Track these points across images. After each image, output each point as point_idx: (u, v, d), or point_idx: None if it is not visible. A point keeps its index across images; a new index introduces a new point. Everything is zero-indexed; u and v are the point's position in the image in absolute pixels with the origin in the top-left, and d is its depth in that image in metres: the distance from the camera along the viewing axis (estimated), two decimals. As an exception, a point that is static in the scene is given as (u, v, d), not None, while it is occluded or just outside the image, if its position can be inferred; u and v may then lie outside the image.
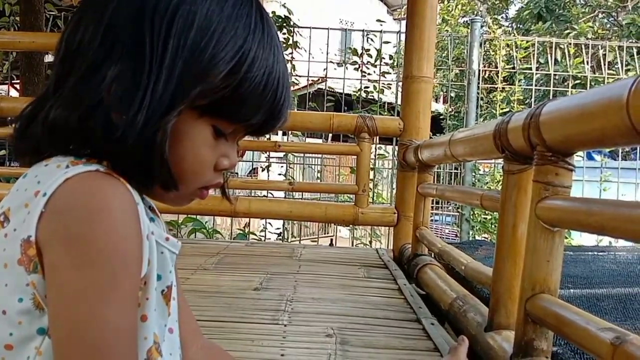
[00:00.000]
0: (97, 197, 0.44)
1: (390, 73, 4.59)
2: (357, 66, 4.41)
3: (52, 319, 0.44)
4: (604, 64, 4.68)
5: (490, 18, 10.69)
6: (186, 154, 0.51)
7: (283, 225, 4.50)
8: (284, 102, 0.54)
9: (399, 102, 3.16)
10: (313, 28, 4.21)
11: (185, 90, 0.48)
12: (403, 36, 2.90)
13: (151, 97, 0.47)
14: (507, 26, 11.37)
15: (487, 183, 4.77)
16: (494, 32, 6.10)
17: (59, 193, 0.44)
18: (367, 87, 4.46)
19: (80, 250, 0.43)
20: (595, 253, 2.55)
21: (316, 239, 4.93)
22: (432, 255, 2.15)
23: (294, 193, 3.89)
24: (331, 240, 5.27)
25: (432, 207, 2.67)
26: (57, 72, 0.50)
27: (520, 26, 10.49)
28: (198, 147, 0.51)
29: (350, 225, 4.04)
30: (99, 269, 0.43)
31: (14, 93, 6.27)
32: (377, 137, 3.13)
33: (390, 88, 4.50)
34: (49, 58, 4.70)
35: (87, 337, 0.43)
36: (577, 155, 1.01)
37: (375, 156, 4.29)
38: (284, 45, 4.29)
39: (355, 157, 2.86)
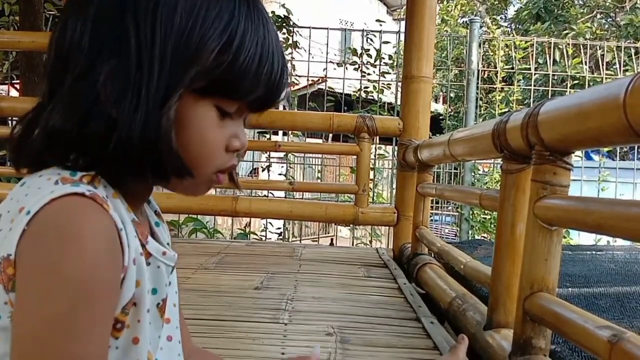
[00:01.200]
0: (73, 224, 0.43)
1: (389, 73, 4.59)
2: (356, 66, 4.41)
3: (14, 345, 0.43)
4: (602, 64, 4.69)
5: (489, 18, 10.70)
6: (194, 138, 0.50)
7: (284, 225, 4.50)
8: (281, 73, 0.53)
9: (399, 102, 3.17)
10: (313, 28, 4.22)
11: (180, 76, 0.48)
12: (402, 36, 2.91)
13: (147, 89, 0.46)
14: (506, 26, 11.38)
15: (486, 183, 4.78)
16: (493, 32, 6.10)
17: (42, 214, 0.43)
18: (367, 87, 4.46)
19: (46, 276, 0.42)
20: (593, 252, 2.56)
21: (317, 239, 4.93)
22: (432, 255, 2.16)
23: (294, 193, 3.90)
24: (331, 239, 5.28)
25: (431, 206, 2.68)
26: (50, 77, 0.50)
27: (519, 26, 10.50)
28: (205, 129, 0.51)
29: (351, 225, 4.05)
30: (63, 297, 0.42)
31: (14, 93, 6.27)
32: (377, 137, 3.14)
33: (389, 88, 4.51)
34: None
35: None
36: (575, 155, 1.02)
37: (375, 156, 4.30)
38: (284, 45, 4.29)
39: (355, 157, 2.87)
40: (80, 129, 0.46)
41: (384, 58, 4.37)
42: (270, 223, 4.30)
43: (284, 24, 4.29)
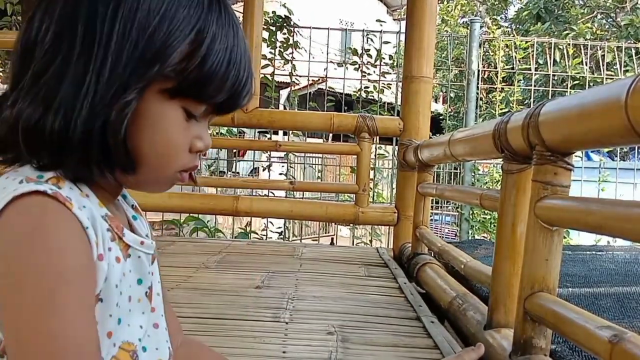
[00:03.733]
0: (32, 219, 0.44)
1: (390, 73, 4.60)
2: (357, 66, 4.41)
3: (5, 339, 0.45)
4: (603, 65, 4.69)
5: (490, 19, 10.70)
6: (159, 137, 0.51)
7: (284, 224, 4.51)
8: (247, 79, 0.54)
9: (399, 102, 3.18)
10: (313, 28, 4.22)
11: (139, 72, 0.48)
12: (403, 36, 2.91)
13: (96, 82, 0.47)
14: (507, 27, 11.38)
15: (486, 183, 4.78)
16: (493, 32, 6.10)
17: (5, 211, 0.44)
18: (367, 87, 4.46)
19: (14, 271, 0.43)
20: (594, 252, 2.56)
21: (317, 238, 4.93)
22: (432, 254, 2.16)
23: (294, 192, 3.91)
24: (332, 239, 5.28)
25: (431, 206, 2.68)
26: (14, 70, 0.50)
27: (520, 27, 10.50)
28: (170, 130, 0.52)
29: (351, 225, 4.05)
30: (35, 286, 0.43)
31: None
32: (377, 137, 3.15)
33: (390, 88, 4.51)
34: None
35: (33, 353, 0.43)
36: (576, 156, 1.02)
37: (375, 156, 4.30)
38: (284, 45, 4.30)
39: (356, 156, 2.87)
40: (40, 124, 0.47)
41: (384, 58, 4.37)
42: (270, 222, 4.30)
43: (285, 24, 4.29)
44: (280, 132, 4.95)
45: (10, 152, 0.50)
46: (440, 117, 5.70)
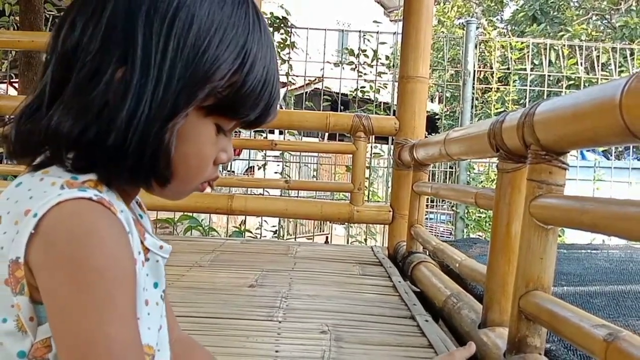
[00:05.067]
0: (87, 222, 0.45)
1: (386, 73, 4.61)
2: (353, 66, 4.43)
3: (58, 342, 0.44)
4: (598, 65, 4.71)
5: (486, 20, 10.73)
6: (191, 152, 0.52)
7: (279, 223, 4.50)
8: (276, 96, 0.56)
9: (395, 101, 3.18)
10: (310, 29, 4.23)
11: (190, 93, 0.48)
12: (399, 37, 2.92)
13: (152, 100, 0.47)
14: (502, 28, 11.40)
15: (481, 182, 4.80)
16: (489, 33, 6.13)
17: (51, 216, 0.44)
18: (364, 87, 4.48)
19: (74, 273, 0.43)
20: (589, 251, 2.57)
21: (312, 237, 4.94)
22: (427, 253, 2.16)
23: (290, 191, 3.91)
24: (326, 237, 5.27)
25: (426, 205, 2.68)
26: (54, 75, 0.49)
27: (515, 28, 10.52)
28: (203, 145, 0.53)
29: (346, 223, 4.05)
30: (94, 289, 0.43)
31: (12, 92, 6.27)
32: (373, 136, 3.15)
33: (386, 88, 4.53)
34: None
35: (94, 357, 0.43)
36: (571, 155, 1.02)
37: (370, 155, 4.31)
38: (282, 45, 4.31)
39: (351, 155, 2.87)
40: (84, 131, 0.46)
41: (380, 58, 4.38)
42: (265, 221, 4.30)
43: (282, 25, 4.31)
44: (276, 131, 4.95)
45: (36, 157, 0.50)
46: (436, 117, 5.71)
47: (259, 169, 4.54)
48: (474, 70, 4.53)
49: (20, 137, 0.50)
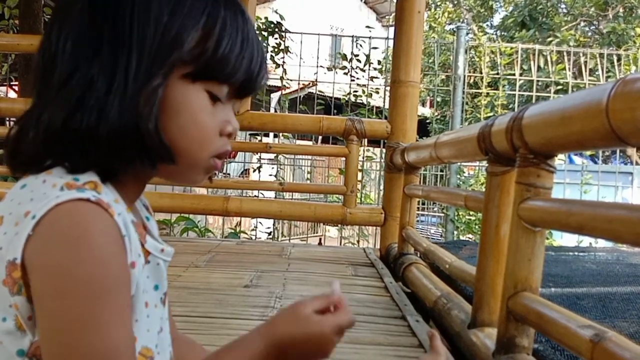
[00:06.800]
0: (80, 226, 0.45)
1: (378, 78, 4.65)
2: (346, 71, 4.46)
3: (42, 347, 0.45)
4: (586, 71, 4.78)
5: (476, 25, 10.80)
6: (187, 123, 0.53)
7: (273, 224, 4.52)
8: (262, 57, 0.56)
9: (387, 105, 3.21)
10: (304, 34, 4.25)
11: (160, 61, 0.50)
12: (391, 42, 2.94)
13: (125, 77, 0.49)
14: (492, 33, 11.49)
15: (471, 185, 4.84)
16: (479, 39, 6.19)
17: (48, 218, 0.44)
18: (356, 91, 4.51)
19: (61, 280, 0.44)
20: (576, 253, 2.60)
21: (305, 238, 4.95)
22: (418, 255, 2.18)
23: (284, 193, 3.92)
24: (320, 239, 5.29)
25: (418, 207, 2.71)
26: (40, 78, 0.51)
27: (505, 34, 10.60)
28: (198, 113, 0.53)
29: (339, 225, 4.07)
30: (80, 297, 0.44)
31: (12, 95, 6.23)
32: (366, 140, 3.17)
33: (378, 92, 4.56)
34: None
35: None
36: (559, 159, 1.04)
37: (363, 158, 4.33)
38: (276, 49, 4.33)
39: (344, 158, 2.90)
40: (69, 124, 0.48)
41: (372, 63, 4.42)
42: (260, 222, 4.31)
43: (276, 30, 4.34)
44: (271, 134, 4.97)
45: (39, 163, 0.50)
46: (427, 121, 5.75)
47: (254, 171, 4.55)
48: (464, 75, 4.57)
49: (18, 148, 0.51)
